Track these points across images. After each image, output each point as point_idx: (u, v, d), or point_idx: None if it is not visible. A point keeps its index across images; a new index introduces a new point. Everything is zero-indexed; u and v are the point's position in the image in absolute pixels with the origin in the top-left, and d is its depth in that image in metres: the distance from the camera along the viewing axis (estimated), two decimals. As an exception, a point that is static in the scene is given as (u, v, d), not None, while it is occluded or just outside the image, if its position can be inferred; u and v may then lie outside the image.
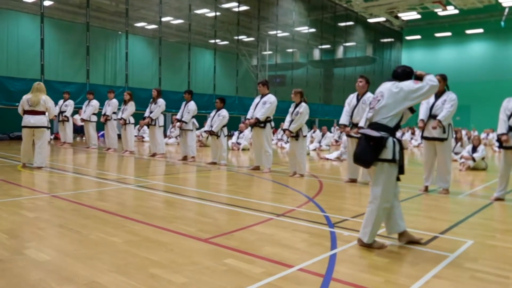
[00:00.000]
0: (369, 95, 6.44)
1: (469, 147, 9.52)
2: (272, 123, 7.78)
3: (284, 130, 7.34)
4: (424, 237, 3.56)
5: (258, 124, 7.55)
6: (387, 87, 3.21)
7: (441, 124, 5.68)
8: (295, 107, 7.21)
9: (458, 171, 8.92)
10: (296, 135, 7.15)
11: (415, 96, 3.10)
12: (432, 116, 5.82)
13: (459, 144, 11.13)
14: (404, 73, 3.28)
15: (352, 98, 6.62)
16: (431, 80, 3.11)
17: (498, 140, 5.38)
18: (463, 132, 12.44)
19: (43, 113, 7.14)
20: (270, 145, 7.77)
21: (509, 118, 5.35)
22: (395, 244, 3.37)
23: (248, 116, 7.73)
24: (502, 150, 5.46)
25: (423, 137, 6.05)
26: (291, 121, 7.15)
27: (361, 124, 6.25)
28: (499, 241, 3.60)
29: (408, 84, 3.13)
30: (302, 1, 24.57)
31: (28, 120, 7.07)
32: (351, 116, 6.53)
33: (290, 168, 7.43)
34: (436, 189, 6.06)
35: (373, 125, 3.20)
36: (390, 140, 3.10)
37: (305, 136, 7.32)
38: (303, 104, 7.16)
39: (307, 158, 11.23)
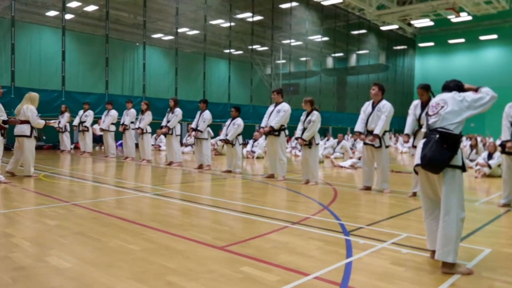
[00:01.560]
0: (384, 102, 6.41)
1: (484, 154, 9.37)
2: (287, 131, 7.81)
3: (297, 139, 7.37)
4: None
5: (272, 132, 7.60)
6: (449, 96, 3.14)
7: None
8: (307, 116, 7.25)
9: (474, 179, 8.78)
10: (309, 143, 7.18)
11: (478, 105, 3.06)
12: (421, 126, 5.73)
13: (474, 151, 10.95)
14: (456, 86, 3.24)
15: (367, 106, 6.60)
16: (489, 91, 3.11)
17: (502, 146, 5.38)
18: (478, 139, 12.23)
19: (25, 122, 7.14)
20: (284, 153, 7.80)
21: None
22: (411, 252, 3.35)
23: (263, 125, 7.79)
24: (504, 156, 5.46)
25: (414, 146, 5.98)
26: (304, 129, 7.20)
27: (377, 131, 6.32)
28: (517, 249, 3.55)
29: (470, 94, 3.11)
30: (315, 10, 24.68)
31: (15, 129, 7.21)
32: (366, 124, 6.51)
33: (303, 176, 7.45)
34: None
35: (439, 130, 3.03)
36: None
37: (318, 144, 7.35)
38: (315, 112, 7.21)
39: (321, 166, 11.23)
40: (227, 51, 21.09)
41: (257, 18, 21.47)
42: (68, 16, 16.63)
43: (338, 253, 3.28)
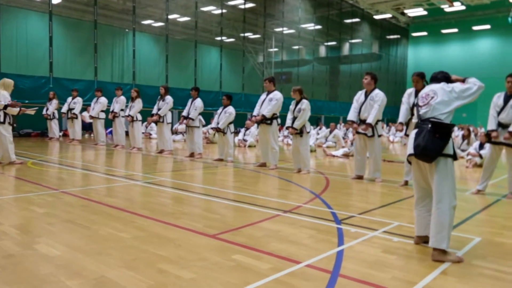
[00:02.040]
0: (377, 92, 6.41)
1: (476, 144, 9.46)
2: (279, 120, 7.80)
3: (287, 128, 7.36)
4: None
5: (264, 121, 7.58)
6: (438, 87, 3.20)
7: None
8: (296, 104, 7.24)
9: (465, 168, 8.87)
10: (300, 132, 7.18)
11: (466, 95, 3.12)
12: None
13: (466, 141, 11.05)
14: (444, 78, 3.30)
15: (360, 95, 6.59)
16: (476, 81, 3.16)
17: (488, 135, 5.48)
18: (470, 129, 12.33)
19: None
20: (276, 142, 7.80)
21: (498, 114, 5.44)
22: (402, 240, 3.37)
23: (255, 113, 7.75)
24: (490, 145, 5.59)
25: (406, 135, 5.97)
26: (294, 118, 7.19)
27: (369, 120, 6.32)
28: (507, 238, 3.59)
29: (458, 85, 3.17)
30: (308, -2, 24.50)
31: None
32: (359, 113, 6.52)
33: (295, 164, 7.47)
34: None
35: (430, 120, 3.08)
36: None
37: (309, 132, 7.35)
38: (304, 100, 7.18)
39: (313, 155, 11.25)
40: (218, 38, 20.87)
41: (249, 5, 21.23)
42: (55, 1, 16.22)
43: (329, 242, 3.28)
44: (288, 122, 7.27)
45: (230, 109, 8.54)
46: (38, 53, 15.45)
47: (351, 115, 6.59)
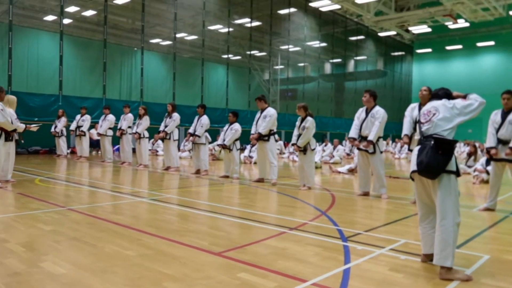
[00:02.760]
0: (377, 109, 6.49)
1: (482, 160, 9.37)
2: (276, 136, 7.99)
3: (293, 145, 7.44)
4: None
5: (262, 137, 7.77)
6: (439, 103, 3.21)
7: None
8: (301, 122, 7.32)
9: (472, 184, 8.78)
10: (304, 149, 7.25)
11: (468, 111, 3.13)
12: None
13: (472, 157, 10.95)
14: (445, 94, 3.32)
15: (361, 112, 6.68)
16: (477, 98, 3.18)
17: (488, 153, 5.51)
18: (476, 145, 12.23)
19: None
20: (275, 157, 7.93)
21: (497, 131, 5.48)
22: (409, 258, 3.33)
23: (252, 132, 7.95)
24: (492, 162, 5.62)
25: (410, 150, 6.08)
26: (299, 135, 7.29)
27: (370, 138, 6.34)
28: (516, 256, 3.53)
29: (459, 102, 3.18)
30: (314, 16, 24.79)
31: None
32: (360, 130, 6.59)
33: (300, 181, 7.53)
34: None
35: (432, 137, 3.07)
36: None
37: (314, 149, 7.42)
38: (309, 118, 7.26)
39: (318, 172, 11.21)
40: (225, 56, 21.14)
41: (256, 23, 21.54)
42: (66, 21, 16.63)
43: (336, 259, 3.25)
44: (294, 139, 7.37)
45: (236, 126, 8.59)
46: (48, 72, 15.76)
47: (353, 132, 6.68)
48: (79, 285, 2.59)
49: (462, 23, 26.23)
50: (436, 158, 2.94)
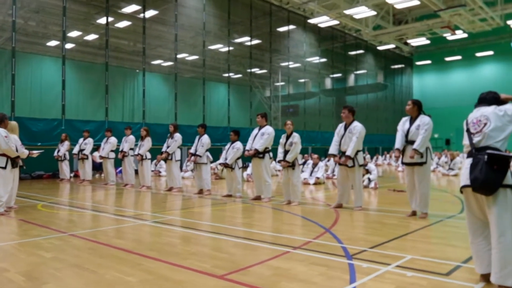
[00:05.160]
0: (355, 124, 6.72)
1: None
2: (271, 154, 8.04)
3: (279, 161, 7.53)
4: (446, 266, 3.43)
5: (257, 155, 7.81)
6: (489, 111, 3.05)
7: (418, 153, 5.75)
8: (287, 138, 7.47)
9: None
10: (292, 165, 7.34)
11: None
12: (409, 142, 5.92)
13: None
14: (493, 99, 3.17)
15: (340, 128, 6.90)
16: None
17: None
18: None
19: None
20: (269, 175, 8.00)
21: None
22: (416, 275, 3.26)
23: (247, 148, 7.98)
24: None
25: (403, 163, 6.12)
26: (285, 151, 7.41)
27: (348, 153, 6.49)
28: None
29: (510, 107, 3.03)
30: (313, 32, 25.04)
31: None
32: (340, 145, 6.80)
33: (285, 197, 7.58)
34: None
35: (484, 149, 2.93)
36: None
37: (301, 164, 7.62)
38: (295, 134, 7.48)
39: (322, 187, 11.13)
40: (226, 75, 21.30)
41: (255, 42, 21.77)
42: (68, 46, 16.85)
43: (341, 279, 3.19)
44: (280, 156, 7.48)
45: (238, 145, 8.59)
46: (51, 97, 15.89)
47: (332, 149, 6.88)
48: (78, 315, 2.53)
49: (460, 34, 26.40)
50: (492, 174, 2.80)
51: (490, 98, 3.18)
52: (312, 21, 22.51)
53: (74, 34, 17.64)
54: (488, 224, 2.96)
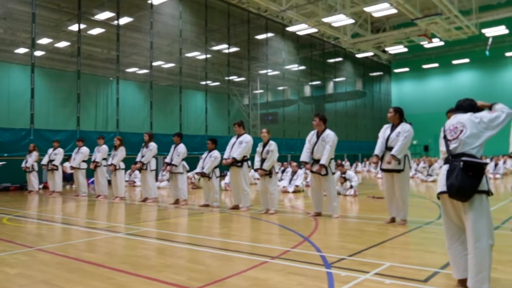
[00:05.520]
0: (327, 132, 6.75)
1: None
2: (249, 162, 7.94)
3: (256, 170, 7.47)
4: (424, 273, 3.40)
5: (235, 163, 7.71)
6: (465, 118, 3.10)
7: (396, 159, 5.76)
8: (264, 146, 7.44)
9: None
10: (269, 173, 7.31)
11: (495, 125, 3.02)
12: (388, 148, 5.95)
13: None
14: (470, 106, 3.21)
15: (312, 136, 6.92)
16: (504, 108, 3.07)
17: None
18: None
19: None
20: (247, 184, 7.88)
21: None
22: (394, 282, 3.21)
23: (225, 156, 7.86)
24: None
25: (381, 169, 6.13)
26: (262, 160, 7.38)
27: (322, 162, 6.44)
28: (502, 273, 3.45)
29: (485, 115, 3.07)
30: (291, 40, 25.25)
31: None
32: (312, 153, 6.79)
33: (263, 205, 7.51)
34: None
35: (460, 156, 2.98)
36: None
37: (277, 172, 7.62)
38: (272, 142, 7.45)
39: (301, 195, 11.10)
40: (203, 82, 21.17)
41: (233, 49, 21.75)
42: (38, 53, 16.35)
43: (319, 289, 3.10)
44: (257, 164, 7.43)
45: (215, 153, 8.45)
46: (19, 105, 15.34)
47: (304, 156, 6.87)
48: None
49: (437, 42, 27.14)
50: (467, 180, 2.84)
51: (466, 105, 3.24)
52: (290, 29, 22.70)
53: (44, 41, 17.16)
54: (465, 229, 2.99)
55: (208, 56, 20.70)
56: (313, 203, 7.04)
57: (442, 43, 27.59)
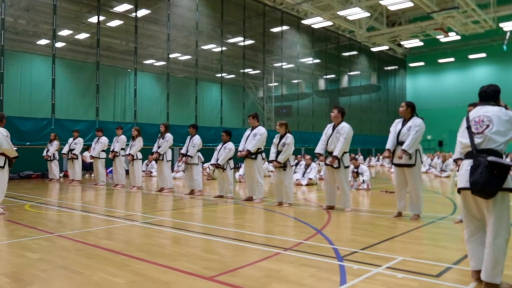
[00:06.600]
0: (343, 125, 6.70)
1: None
2: (263, 155, 7.99)
3: (271, 161, 7.47)
4: (437, 268, 3.42)
5: (249, 155, 7.75)
6: (494, 113, 3.04)
7: (407, 153, 5.69)
8: (280, 138, 7.40)
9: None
10: (283, 166, 7.29)
11: None
12: (399, 143, 5.89)
13: None
14: (495, 92, 3.18)
15: (328, 128, 6.91)
16: None
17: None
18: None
19: None
20: (261, 176, 7.94)
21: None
22: (407, 276, 3.24)
23: (240, 148, 7.92)
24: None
25: (393, 163, 6.08)
26: (277, 152, 7.35)
27: (335, 153, 6.45)
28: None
29: None
30: (306, 33, 25.07)
31: None
32: (327, 145, 6.78)
33: (277, 198, 7.54)
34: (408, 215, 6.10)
35: (486, 152, 2.94)
36: None
37: (292, 165, 7.58)
38: (288, 135, 7.40)
39: (314, 188, 11.13)
40: (219, 75, 21.24)
41: (249, 42, 21.74)
42: (59, 44, 16.69)
43: (331, 280, 3.16)
44: (272, 156, 7.42)
45: (230, 145, 8.53)
46: (41, 96, 15.70)
47: (319, 148, 6.86)
48: (62, 318, 2.47)
49: (453, 36, 26.60)
50: (492, 179, 2.82)
51: (491, 91, 3.19)
52: (305, 22, 22.55)
53: (64, 33, 17.46)
54: (484, 225, 3.01)
55: (224, 48, 20.74)
56: (325, 196, 7.06)
57: (458, 37, 27.01)
